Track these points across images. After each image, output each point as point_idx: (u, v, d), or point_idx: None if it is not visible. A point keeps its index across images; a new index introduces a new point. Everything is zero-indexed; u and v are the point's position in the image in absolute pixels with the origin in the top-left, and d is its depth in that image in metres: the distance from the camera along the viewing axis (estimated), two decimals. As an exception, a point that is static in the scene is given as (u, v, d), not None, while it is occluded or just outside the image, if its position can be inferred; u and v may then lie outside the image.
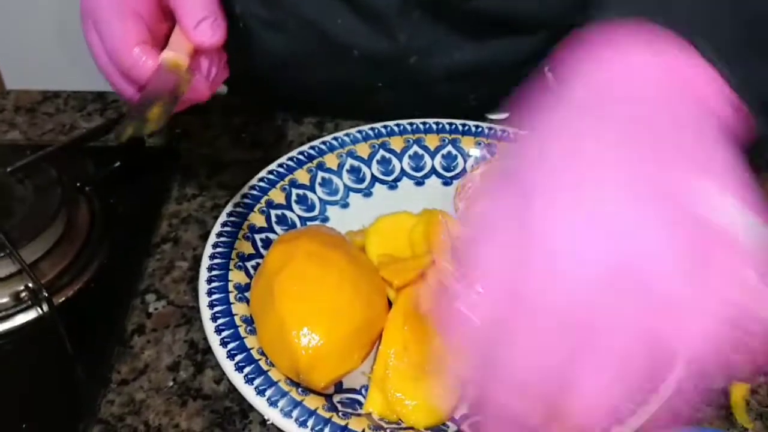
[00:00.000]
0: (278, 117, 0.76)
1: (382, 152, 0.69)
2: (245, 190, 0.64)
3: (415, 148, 0.69)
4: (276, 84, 0.76)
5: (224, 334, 0.53)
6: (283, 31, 0.72)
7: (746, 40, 0.45)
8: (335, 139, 0.69)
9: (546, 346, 0.34)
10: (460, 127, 0.70)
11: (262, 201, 0.63)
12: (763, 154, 0.49)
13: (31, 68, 1.34)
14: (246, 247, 0.60)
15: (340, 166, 0.68)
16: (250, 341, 0.53)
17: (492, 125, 0.69)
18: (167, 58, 0.52)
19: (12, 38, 1.33)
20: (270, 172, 0.65)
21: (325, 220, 0.65)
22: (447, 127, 0.70)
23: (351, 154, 0.68)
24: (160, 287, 0.61)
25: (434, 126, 0.70)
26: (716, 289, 0.34)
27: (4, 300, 0.57)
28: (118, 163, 0.69)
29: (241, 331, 0.53)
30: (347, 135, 0.69)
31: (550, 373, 0.35)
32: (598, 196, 0.35)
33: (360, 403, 0.52)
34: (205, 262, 0.58)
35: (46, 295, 0.55)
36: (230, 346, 0.52)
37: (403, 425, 0.50)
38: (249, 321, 0.55)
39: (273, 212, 0.63)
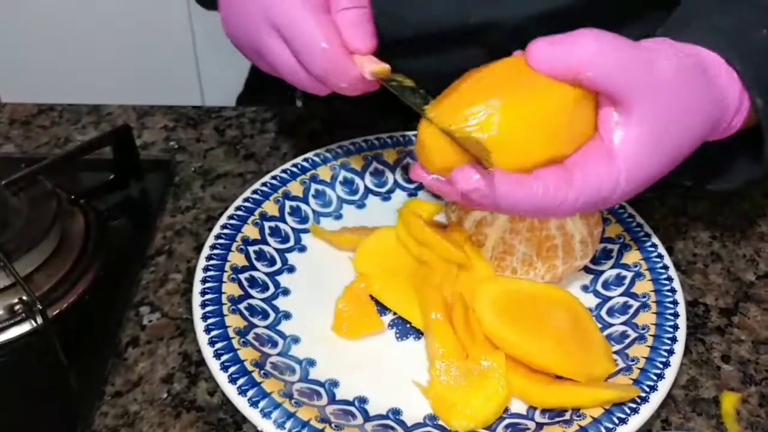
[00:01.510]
0: (272, 129, 0.77)
1: (375, 164, 0.69)
2: (239, 202, 0.64)
3: (408, 160, 0.69)
4: None
5: (218, 346, 0.53)
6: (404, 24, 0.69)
7: None
8: (328, 151, 0.69)
9: None
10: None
11: (256, 213, 0.64)
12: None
13: (26, 81, 1.34)
14: (239, 260, 0.60)
15: (334, 178, 0.68)
16: (243, 353, 0.53)
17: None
18: (375, 71, 0.51)
19: (7, 51, 1.34)
20: (263, 185, 0.66)
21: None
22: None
23: (344, 166, 0.69)
24: (155, 299, 0.61)
25: (427, 138, 0.70)
26: None
27: (-1, 313, 0.57)
28: (112, 176, 0.70)
29: (235, 342, 0.54)
30: (340, 147, 0.69)
31: None
32: None
33: (353, 415, 0.52)
34: (199, 274, 0.58)
35: (41, 307, 0.55)
36: (223, 358, 0.53)
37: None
38: (242, 333, 0.55)
39: (266, 224, 0.64)
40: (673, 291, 0.58)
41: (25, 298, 0.57)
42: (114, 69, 1.35)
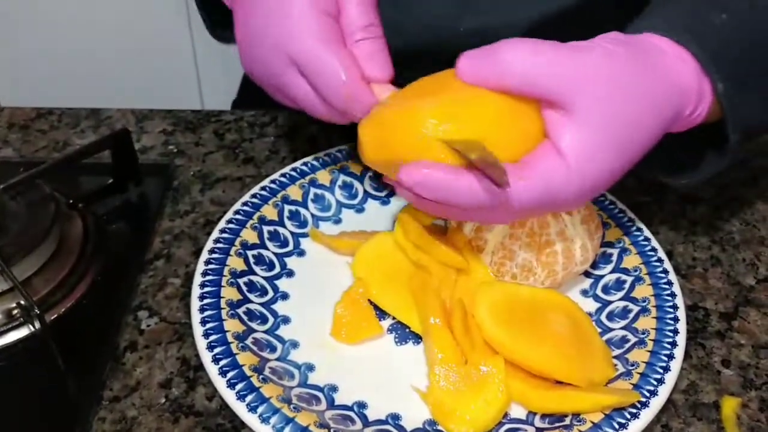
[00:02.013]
0: (271, 133, 0.77)
1: (372, 172, 0.69)
2: (238, 206, 0.64)
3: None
4: None
5: (216, 350, 0.53)
6: (402, 33, 0.69)
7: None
8: (328, 155, 0.69)
9: None
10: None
11: (255, 217, 0.64)
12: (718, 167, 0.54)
13: (24, 85, 1.34)
14: (238, 264, 0.60)
15: (333, 182, 0.68)
16: (241, 358, 0.53)
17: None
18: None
19: (5, 55, 1.34)
20: (263, 189, 0.66)
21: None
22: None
23: (343, 170, 0.68)
24: (153, 304, 0.61)
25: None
26: None
27: (-4, 317, 0.57)
28: (111, 180, 0.70)
29: (233, 347, 0.53)
30: (340, 151, 0.69)
31: None
32: None
33: (352, 420, 0.52)
34: (198, 278, 0.58)
35: (38, 312, 0.55)
36: (222, 362, 0.52)
37: None
38: (241, 337, 0.55)
39: (265, 228, 0.64)
40: (673, 295, 0.58)
41: (22, 302, 0.56)
42: (113, 73, 1.35)
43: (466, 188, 0.46)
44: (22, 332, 0.57)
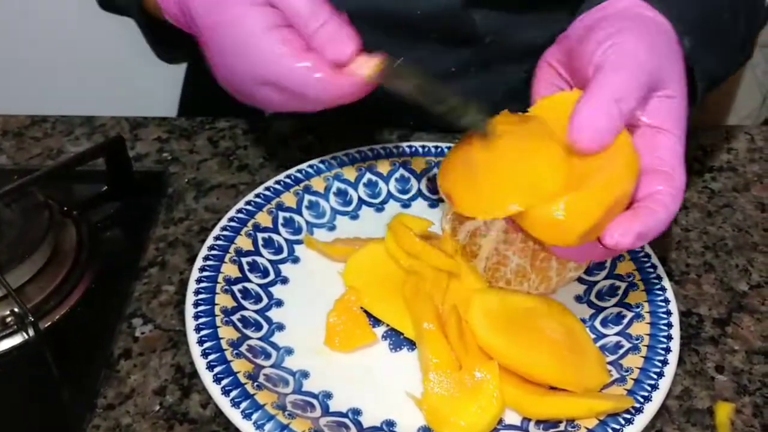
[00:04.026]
0: (264, 140, 0.77)
1: (368, 175, 0.69)
2: (232, 213, 0.64)
3: (402, 171, 0.69)
4: None
5: (211, 357, 0.53)
6: (360, 20, 0.72)
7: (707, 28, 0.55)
8: (322, 162, 0.69)
9: None
10: (446, 150, 0.70)
11: (249, 224, 0.64)
12: None
13: (18, 92, 1.34)
14: (233, 271, 0.60)
15: (327, 189, 0.68)
16: (236, 365, 0.53)
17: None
18: (370, 75, 0.53)
19: None
20: (257, 196, 0.66)
21: (312, 242, 0.65)
22: (433, 150, 0.70)
23: (338, 177, 0.69)
24: (147, 311, 0.61)
25: (420, 149, 0.70)
26: None
27: (-10, 325, 0.57)
28: (105, 187, 0.70)
29: (228, 354, 0.53)
30: (334, 158, 0.69)
31: None
32: None
33: (347, 427, 0.52)
34: (192, 285, 0.58)
35: (32, 319, 0.55)
36: (216, 369, 0.52)
37: None
38: (235, 345, 0.55)
39: (260, 235, 0.64)
40: (666, 301, 0.58)
41: (16, 310, 0.56)
42: (107, 80, 1.35)
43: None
44: (16, 340, 0.57)
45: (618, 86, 0.48)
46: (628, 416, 0.50)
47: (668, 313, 0.57)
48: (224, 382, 0.52)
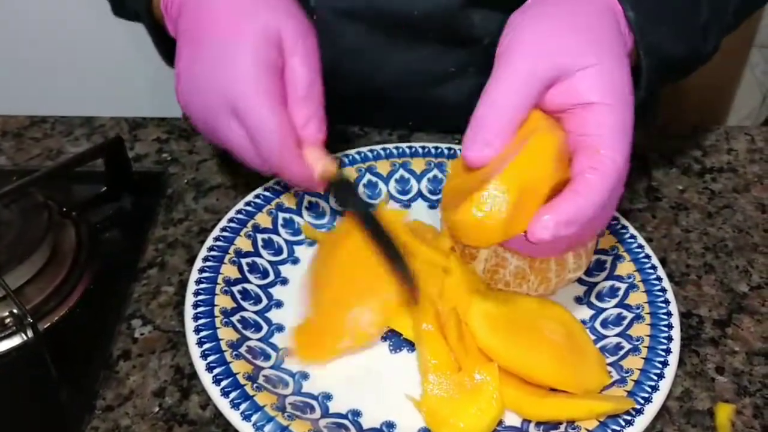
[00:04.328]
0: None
1: (368, 176, 0.69)
2: (231, 214, 0.64)
3: (402, 171, 0.69)
4: (345, 78, 0.75)
5: (210, 359, 0.53)
6: (360, 21, 0.72)
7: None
8: (322, 163, 0.69)
9: None
10: (446, 151, 0.70)
11: (249, 225, 0.64)
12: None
13: (18, 93, 1.34)
14: (232, 272, 0.60)
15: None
16: (236, 366, 0.53)
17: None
18: (328, 172, 0.56)
19: (-1, 63, 1.34)
20: (256, 196, 0.66)
21: (312, 243, 0.65)
22: (433, 150, 0.70)
23: (337, 178, 0.68)
24: (146, 312, 0.61)
25: (420, 150, 0.70)
26: None
27: (-11, 326, 0.57)
28: (104, 188, 0.70)
29: (227, 356, 0.53)
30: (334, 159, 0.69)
31: None
32: None
33: (347, 428, 0.52)
34: (191, 286, 0.58)
35: (31, 320, 0.55)
36: (216, 371, 0.52)
37: None
38: (235, 346, 0.55)
39: (259, 236, 0.63)
40: (666, 302, 0.58)
41: (15, 311, 0.56)
42: (107, 81, 1.35)
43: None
44: (15, 341, 0.57)
45: (502, 89, 0.48)
46: (629, 417, 0.50)
47: (668, 314, 0.57)
48: (224, 383, 0.52)
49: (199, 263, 0.60)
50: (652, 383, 0.52)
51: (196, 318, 0.56)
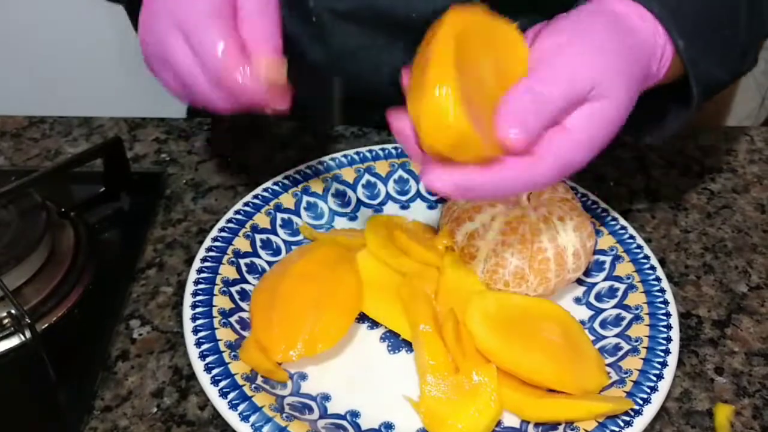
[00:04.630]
0: (263, 141, 0.77)
1: (367, 176, 0.69)
2: (230, 214, 0.64)
3: (400, 172, 0.69)
4: (344, 78, 0.75)
5: (208, 359, 0.53)
6: (359, 22, 0.72)
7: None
8: (320, 163, 0.69)
9: None
10: (445, 151, 0.70)
11: (247, 226, 0.63)
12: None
13: (16, 93, 1.34)
14: (230, 272, 0.60)
15: (326, 190, 0.68)
16: (234, 367, 0.53)
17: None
18: (270, 78, 0.52)
19: (-2, 63, 1.34)
20: (255, 197, 0.66)
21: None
22: (431, 151, 0.70)
23: (336, 179, 0.68)
24: (145, 313, 0.61)
25: (419, 150, 0.70)
26: None
27: (-13, 327, 0.57)
28: (102, 189, 0.69)
29: (226, 356, 0.53)
30: (332, 159, 0.69)
31: None
32: None
33: (345, 429, 0.51)
34: (190, 287, 0.58)
35: (29, 321, 0.55)
36: (214, 371, 0.52)
37: None
38: (233, 346, 0.54)
39: (258, 237, 0.63)
40: (665, 303, 0.58)
41: (13, 311, 0.56)
42: (105, 81, 1.34)
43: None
44: (13, 342, 0.56)
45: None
46: (627, 418, 0.50)
47: (667, 314, 0.57)
48: (222, 383, 0.51)
49: (197, 264, 0.60)
50: (651, 384, 0.52)
51: (194, 318, 0.56)
